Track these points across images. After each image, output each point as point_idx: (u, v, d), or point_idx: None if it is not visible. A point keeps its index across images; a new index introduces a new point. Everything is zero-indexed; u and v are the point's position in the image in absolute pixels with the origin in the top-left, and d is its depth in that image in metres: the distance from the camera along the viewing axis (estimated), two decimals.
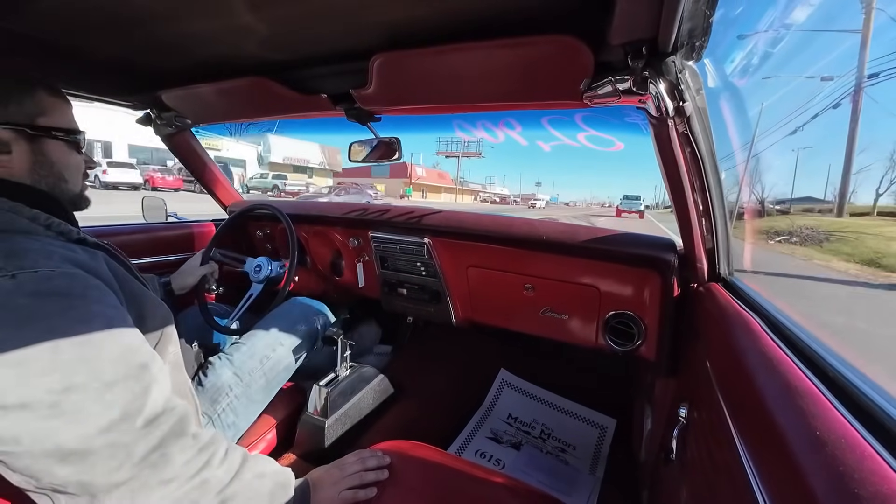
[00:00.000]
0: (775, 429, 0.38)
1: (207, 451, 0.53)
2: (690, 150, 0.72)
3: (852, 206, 13.90)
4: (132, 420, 0.47)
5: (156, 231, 1.49)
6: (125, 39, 0.74)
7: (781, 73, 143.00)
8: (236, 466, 0.55)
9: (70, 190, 0.65)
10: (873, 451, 0.31)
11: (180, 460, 0.50)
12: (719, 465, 0.48)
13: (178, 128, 1.31)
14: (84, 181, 0.69)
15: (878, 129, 42.96)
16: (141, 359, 0.51)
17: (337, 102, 0.94)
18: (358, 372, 1.24)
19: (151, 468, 0.47)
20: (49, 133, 0.60)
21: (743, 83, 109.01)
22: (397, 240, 1.29)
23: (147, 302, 0.63)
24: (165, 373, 0.55)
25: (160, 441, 0.48)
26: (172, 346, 0.68)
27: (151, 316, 0.63)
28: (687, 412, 0.69)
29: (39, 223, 0.55)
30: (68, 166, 0.64)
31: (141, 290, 0.63)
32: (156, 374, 0.52)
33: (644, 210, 29.82)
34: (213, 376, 0.96)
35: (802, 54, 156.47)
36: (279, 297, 1.14)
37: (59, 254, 0.51)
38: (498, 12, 0.58)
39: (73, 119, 0.65)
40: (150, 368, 0.52)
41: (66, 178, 0.64)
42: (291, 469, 0.65)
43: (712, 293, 0.81)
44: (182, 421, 0.52)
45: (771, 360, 0.48)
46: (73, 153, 0.64)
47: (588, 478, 1.25)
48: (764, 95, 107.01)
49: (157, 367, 0.53)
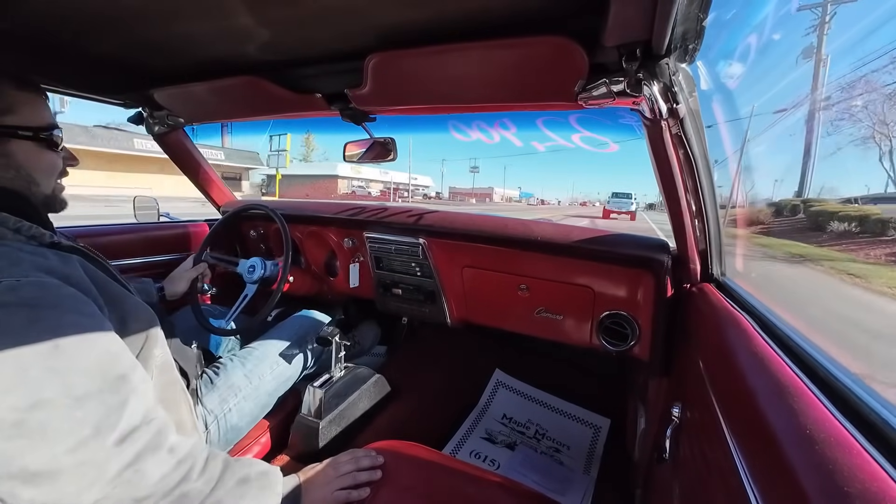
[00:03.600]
0: (766, 427, 0.38)
1: (186, 464, 0.51)
2: (684, 151, 0.72)
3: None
4: (105, 437, 0.44)
5: (148, 231, 1.47)
6: (117, 37, 0.73)
7: (773, 75, 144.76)
8: (217, 475, 0.54)
9: (40, 192, 0.61)
10: (862, 449, 0.31)
11: (156, 475, 0.47)
12: (712, 463, 0.49)
13: (170, 127, 1.29)
14: (59, 180, 0.65)
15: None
16: (119, 369, 0.49)
17: (332, 102, 0.94)
18: (352, 373, 1.24)
19: (125, 485, 0.45)
20: (14, 133, 0.57)
21: (735, 85, 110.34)
22: (392, 240, 1.29)
23: (129, 305, 0.61)
24: (148, 381, 0.53)
25: (135, 457, 0.46)
26: (159, 349, 0.65)
27: (134, 319, 0.61)
28: (680, 412, 0.69)
29: (7, 227, 0.53)
30: (38, 167, 0.60)
31: (122, 293, 0.61)
32: (136, 385, 0.50)
33: (634, 210, 26.43)
34: (224, 375, 0.97)
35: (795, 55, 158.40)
36: (273, 298, 1.14)
37: (28, 261, 0.49)
38: (493, 13, 0.58)
39: (47, 114, 0.61)
40: (130, 379, 0.50)
41: (36, 181, 0.60)
42: (286, 470, 0.64)
43: (705, 293, 0.82)
44: (159, 434, 0.50)
45: (762, 360, 0.49)
46: (46, 152, 0.61)
47: (582, 477, 1.26)
48: (755, 97, 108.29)
49: (138, 376, 0.51)
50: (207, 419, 0.87)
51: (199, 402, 0.88)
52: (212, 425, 0.88)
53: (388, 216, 1.33)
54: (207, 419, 0.87)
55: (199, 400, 0.89)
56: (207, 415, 0.88)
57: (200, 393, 0.90)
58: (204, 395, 0.90)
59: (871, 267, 6.82)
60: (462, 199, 56.40)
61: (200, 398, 0.89)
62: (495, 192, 73.73)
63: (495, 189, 76.17)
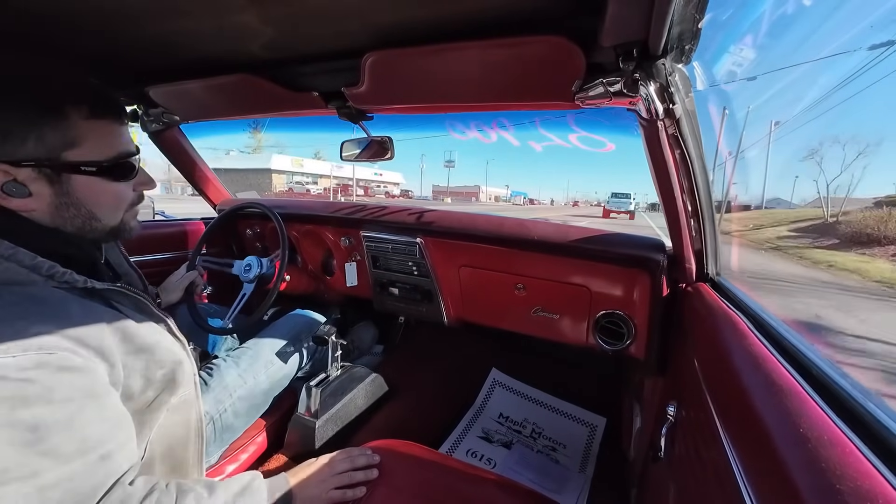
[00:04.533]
0: (760, 426, 0.38)
1: None
2: (680, 151, 0.73)
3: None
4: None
5: (143, 229, 1.46)
6: (112, 34, 0.72)
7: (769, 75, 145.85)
8: None
9: (102, 227, 0.57)
10: (854, 448, 0.32)
11: None
12: (706, 462, 0.49)
13: (165, 125, 1.28)
14: (129, 211, 0.60)
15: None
16: (104, 449, 0.46)
17: (329, 100, 0.94)
18: (349, 372, 1.24)
19: None
20: (77, 169, 0.51)
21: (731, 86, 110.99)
22: (389, 239, 1.28)
23: (157, 350, 0.57)
24: (145, 488, 0.50)
25: None
26: (184, 388, 0.62)
27: (160, 364, 0.57)
28: (675, 410, 0.70)
29: (40, 273, 0.48)
30: (101, 203, 0.55)
31: (153, 338, 0.57)
32: (133, 493, 0.47)
33: (633, 210, 27.93)
34: (218, 376, 0.96)
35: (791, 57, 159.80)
36: (269, 297, 1.13)
37: (45, 333, 0.43)
38: (490, 13, 0.58)
39: (119, 142, 0.55)
40: (115, 457, 0.47)
41: (97, 217, 0.55)
42: (281, 470, 0.64)
43: (700, 293, 0.83)
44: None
45: (757, 359, 0.49)
46: (112, 184, 0.56)
47: (578, 476, 1.26)
48: (750, 98, 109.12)
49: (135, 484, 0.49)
50: (203, 420, 0.87)
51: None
52: (207, 427, 0.87)
53: (385, 215, 1.33)
54: (203, 420, 0.87)
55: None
56: (203, 416, 0.87)
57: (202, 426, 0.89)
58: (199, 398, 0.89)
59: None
60: (453, 200, 54.26)
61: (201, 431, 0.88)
62: (482, 190, 71.45)
63: (482, 188, 73.54)
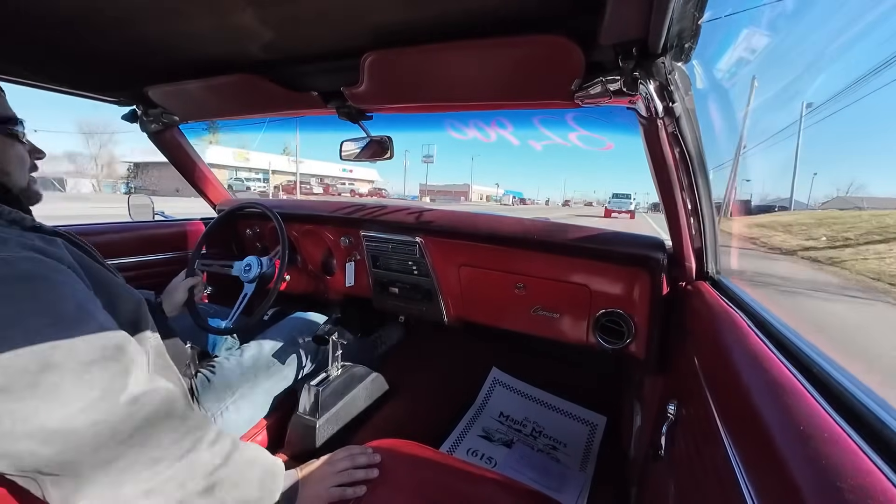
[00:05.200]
0: (761, 424, 0.38)
1: (196, 433, 0.52)
2: (679, 150, 0.73)
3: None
4: (114, 399, 0.46)
5: (143, 230, 1.46)
6: (111, 35, 0.72)
7: (767, 76, 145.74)
8: (226, 451, 0.55)
9: (15, 183, 0.61)
10: (854, 445, 0.32)
11: (167, 440, 0.49)
12: (707, 460, 0.49)
13: (165, 125, 1.29)
14: (30, 174, 0.65)
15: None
16: (116, 340, 0.50)
17: (328, 100, 0.94)
18: (349, 371, 1.24)
19: (138, 447, 0.46)
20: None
21: (730, 85, 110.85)
22: (389, 239, 1.28)
23: (115, 288, 0.62)
24: (143, 355, 0.54)
25: (145, 420, 0.48)
26: (150, 332, 0.67)
27: (123, 302, 0.62)
28: (675, 409, 0.70)
29: None
30: (8, 159, 0.60)
31: (108, 277, 0.62)
32: (133, 356, 0.51)
33: (633, 209, 29.56)
34: (221, 375, 0.97)
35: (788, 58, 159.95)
36: (269, 297, 1.13)
37: (15, 240, 0.50)
38: (490, 12, 0.58)
39: (6, 107, 0.60)
40: (127, 350, 0.51)
41: (8, 172, 0.60)
42: None
43: (700, 291, 0.83)
44: (168, 401, 0.51)
45: (757, 357, 0.49)
46: (13, 143, 0.60)
47: (579, 475, 1.26)
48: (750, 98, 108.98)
49: (133, 348, 0.52)
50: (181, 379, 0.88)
51: (195, 401, 0.88)
52: None
53: (384, 214, 1.33)
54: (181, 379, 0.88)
55: (196, 399, 0.89)
56: (204, 413, 0.88)
57: (197, 392, 0.90)
58: (200, 395, 0.90)
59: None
60: (433, 200, 48.91)
61: (197, 397, 0.89)
62: (472, 189, 67.43)
63: (472, 186, 68.95)
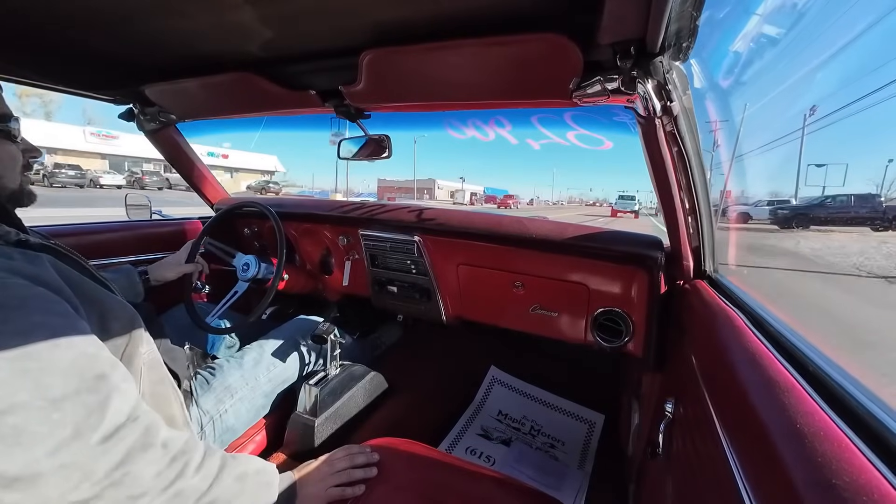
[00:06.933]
0: (757, 422, 0.38)
1: (181, 461, 0.50)
2: (677, 149, 0.73)
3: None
4: (86, 437, 0.43)
5: (140, 229, 1.46)
6: (109, 33, 0.72)
7: (766, 76, 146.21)
8: (214, 472, 0.53)
9: (6, 186, 0.59)
10: (850, 443, 0.32)
11: (149, 473, 0.46)
12: (704, 458, 0.50)
13: (162, 124, 1.28)
14: (24, 174, 0.63)
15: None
16: (98, 369, 0.47)
17: (326, 99, 0.93)
18: (348, 370, 1.24)
19: (116, 486, 0.44)
20: None
21: (728, 84, 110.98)
22: (387, 238, 1.28)
23: (108, 304, 0.59)
24: (131, 380, 0.52)
25: (124, 456, 0.45)
26: (145, 346, 0.64)
27: (115, 318, 0.59)
28: (673, 407, 0.70)
29: None
30: (0, 160, 0.58)
31: (100, 292, 0.59)
32: (117, 383, 0.48)
33: (637, 210, 31.31)
34: (220, 377, 0.96)
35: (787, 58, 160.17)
36: (268, 296, 1.13)
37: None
38: (488, 11, 0.58)
39: (1, 104, 0.58)
40: (110, 378, 0.48)
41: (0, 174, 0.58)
42: (281, 468, 0.64)
43: (698, 290, 0.83)
44: (148, 432, 0.49)
45: (754, 356, 0.49)
46: (5, 143, 0.59)
47: (577, 473, 1.27)
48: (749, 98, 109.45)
49: (118, 375, 0.50)
50: (203, 420, 0.87)
51: (194, 402, 0.88)
52: (207, 426, 0.87)
53: (383, 213, 1.32)
54: (203, 420, 0.87)
55: (195, 401, 0.88)
56: (203, 415, 0.87)
57: (196, 394, 0.89)
58: (199, 396, 0.89)
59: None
60: (389, 198, 42.19)
61: (196, 399, 0.88)
62: (438, 185, 56.54)
63: (438, 182, 57.65)
